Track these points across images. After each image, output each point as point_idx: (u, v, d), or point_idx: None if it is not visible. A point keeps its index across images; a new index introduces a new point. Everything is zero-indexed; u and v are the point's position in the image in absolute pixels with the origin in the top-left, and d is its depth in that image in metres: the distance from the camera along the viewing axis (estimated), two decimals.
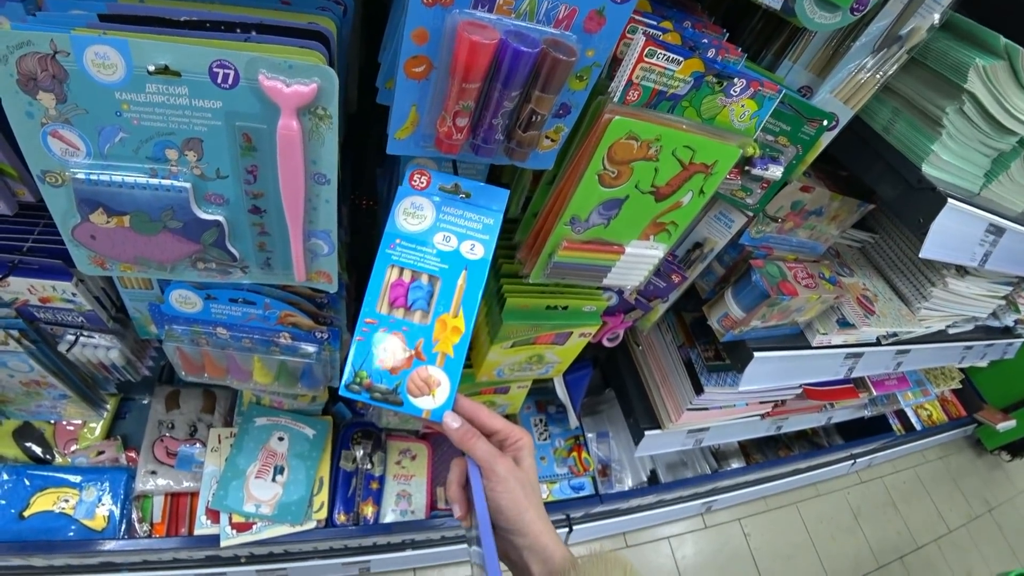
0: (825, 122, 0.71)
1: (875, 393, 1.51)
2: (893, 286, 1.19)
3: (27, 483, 1.14)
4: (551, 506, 1.40)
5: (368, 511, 1.23)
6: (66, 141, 0.50)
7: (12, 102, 0.47)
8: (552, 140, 0.58)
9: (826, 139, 0.75)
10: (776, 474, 1.90)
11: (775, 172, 0.74)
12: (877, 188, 0.82)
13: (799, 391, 1.31)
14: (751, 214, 0.85)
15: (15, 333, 0.82)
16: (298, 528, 1.13)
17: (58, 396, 0.98)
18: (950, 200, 0.72)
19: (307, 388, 0.86)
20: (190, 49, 0.46)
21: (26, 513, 1.12)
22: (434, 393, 0.55)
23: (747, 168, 0.74)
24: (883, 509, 2.19)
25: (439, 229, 0.58)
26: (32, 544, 1.07)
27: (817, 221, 0.97)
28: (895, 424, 2.06)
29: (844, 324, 1.07)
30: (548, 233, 0.66)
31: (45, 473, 1.16)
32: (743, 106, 0.61)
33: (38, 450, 1.20)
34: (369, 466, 1.27)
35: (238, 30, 0.50)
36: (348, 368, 0.55)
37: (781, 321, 1.01)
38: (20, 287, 0.75)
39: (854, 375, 1.28)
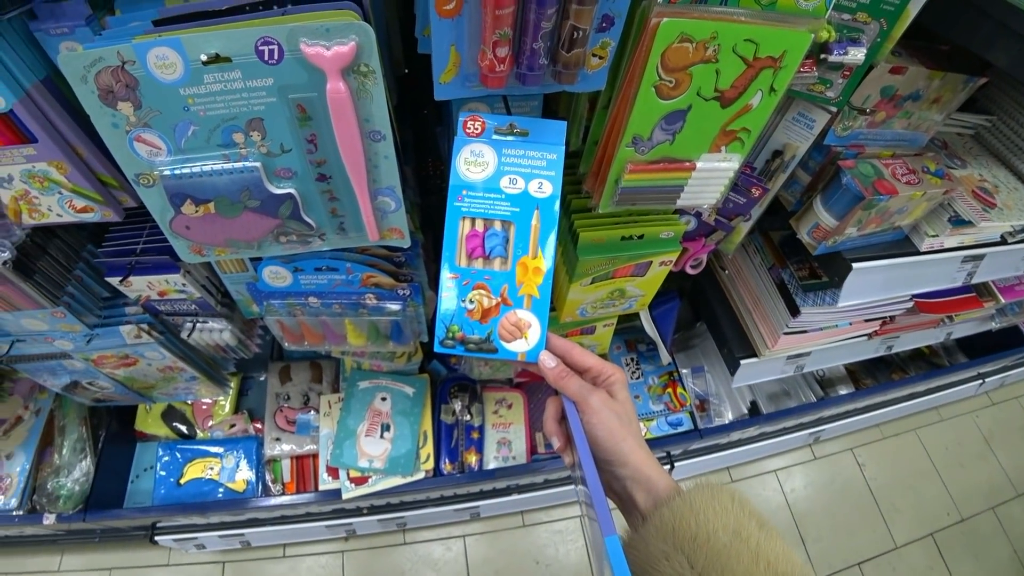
0: None
1: (1003, 301, 1.34)
2: (1018, 173, 1.04)
3: (179, 456, 1.32)
4: (650, 443, 1.40)
5: (472, 459, 1.30)
6: (149, 143, 0.55)
7: (99, 116, 0.52)
8: (600, 58, 0.55)
9: (915, 6, 0.65)
10: (890, 399, 1.76)
11: (857, 55, 0.66)
12: (987, 55, 0.71)
13: (910, 304, 1.19)
14: (834, 109, 0.76)
15: (145, 326, 0.92)
16: (409, 479, 1.22)
17: (189, 378, 1.10)
18: None
19: (398, 345, 0.91)
20: (235, 33, 0.48)
21: (182, 481, 1.29)
22: (526, 335, 0.56)
23: (823, 56, 0.67)
24: (1020, 433, 1.96)
25: (504, 173, 0.57)
26: (191, 506, 1.24)
27: (914, 107, 0.86)
28: None
29: (958, 223, 0.95)
30: (611, 158, 0.63)
31: (192, 447, 1.34)
32: None
33: (183, 428, 1.37)
34: (468, 417, 1.33)
35: (275, 6, 0.51)
36: (439, 325, 0.56)
37: (880, 226, 0.92)
38: (140, 285, 0.84)
39: (975, 281, 1.14)
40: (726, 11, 0.54)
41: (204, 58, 0.48)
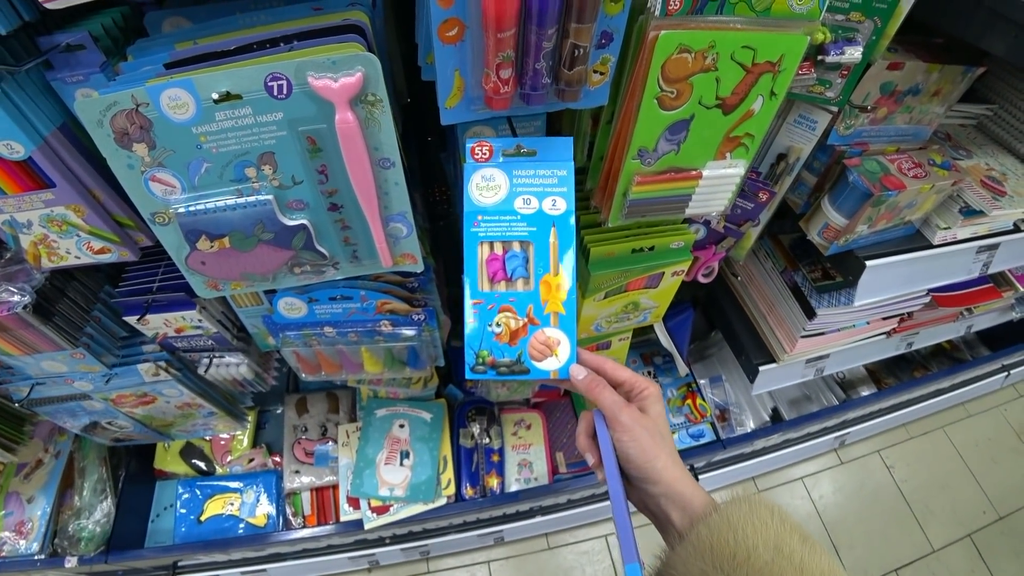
0: None
1: (1022, 289, 1.33)
2: None
3: (199, 493, 1.31)
4: None
5: (493, 483, 1.29)
6: (164, 182, 0.56)
7: (115, 158, 0.53)
8: (601, 74, 0.56)
9: (908, 2, 0.66)
10: (914, 397, 1.73)
11: (854, 54, 0.67)
12: (984, 44, 0.71)
13: (927, 299, 1.18)
14: (835, 109, 0.77)
15: (163, 364, 0.93)
16: (431, 505, 1.20)
17: (207, 414, 1.11)
18: None
19: (415, 370, 0.91)
20: (244, 71, 0.49)
21: (203, 518, 1.28)
22: (556, 352, 0.56)
23: (820, 57, 0.68)
24: None
25: (516, 194, 0.57)
26: (213, 543, 1.23)
27: (915, 101, 0.86)
28: None
29: (970, 213, 0.95)
30: (618, 172, 0.64)
31: (211, 483, 1.33)
32: None
33: (202, 464, 1.37)
34: (487, 440, 1.32)
35: (281, 44, 0.53)
36: (467, 351, 0.56)
37: (891, 222, 0.91)
38: (157, 323, 0.85)
39: (992, 271, 1.13)
40: (722, 20, 0.55)
41: (215, 96, 0.49)
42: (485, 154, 0.57)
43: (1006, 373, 1.83)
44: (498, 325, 0.56)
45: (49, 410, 1.01)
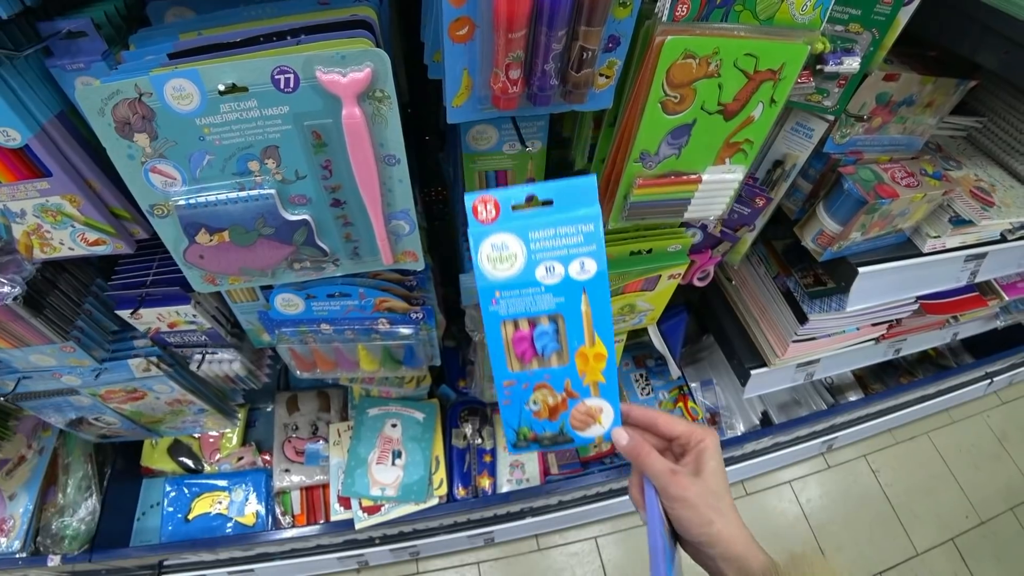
0: None
1: (1007, 298, 1.35)
2: (1013, 171, 1.06)
3: (186, 491, 1.29)
4: None
5: (485, 483, 1.28)
6: (164, 174, 0.55)
7: (115, 148, 0.53)
8: (607, 77, 0.57)
9: (905, 15, 0.67)
10: (900, 403, 1.76)
11: (851, 64, 0.68)
12: (976, 58, 0.73)
13: (915, 306, 1.20)
14: (831, 117, 0.78)
15: (154, 359, 0.92)
16: (422, 505, 1.20)
17: (197, 411, 1.09)
18: None
19: (411, 369, 0.90)
20: (251, 63, 0.49)
21: (190, 516, 1.27)
22: (599, 420, 0.53)
23: (819, 67, 0.68)
24: None
25: (537, 262, 0.48)
26: (200, 542, 1.21)
27: (909, 112, 0.88)
28: None
29: (959, 222, 0.96)
30: (620, 174, 0.64)
31: (199, 481, 1.31)
32: None
33: (190, 462, 1.35)
34: (480, 441, 1.32)
35: (288, 37, 0.53)
36: (507, 430, 0.54)
37: (883, 230, 0.93)
38: (151, 317, 0.84)
39: (978, 280, 1.15)
40: (726, 27, 0.56)
41: (221, 88, 0.49)
42: (491, 213, 0.48)
43: (989, 380, 1.86)
44: (535, 403, 0.52)
45: (35, 405, 1.00)
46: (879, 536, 1.67)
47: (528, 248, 0.48)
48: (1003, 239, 1.06)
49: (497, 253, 0.48)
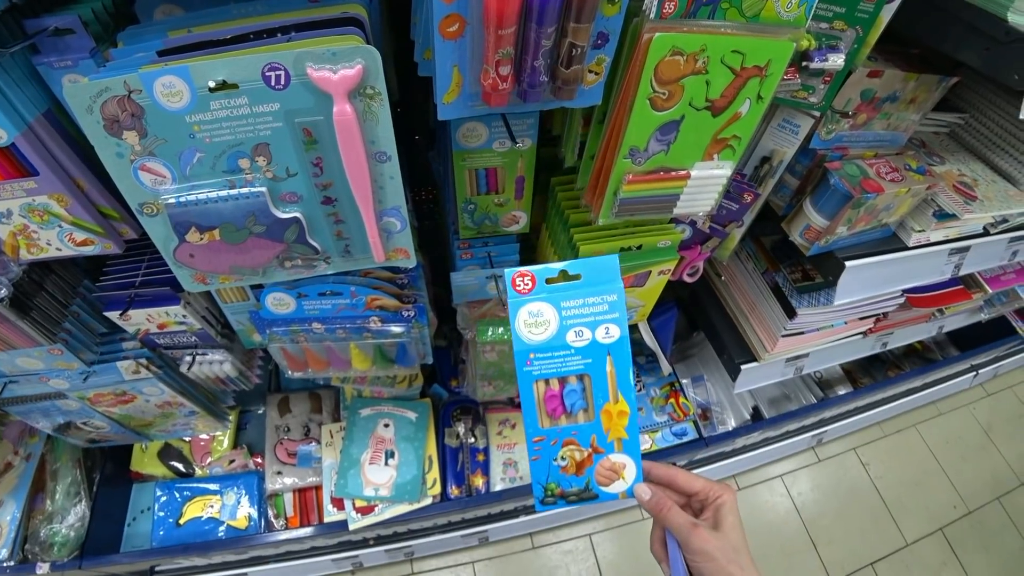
0: None
1: (990, 291, 1.38)
2: (994, 166, 1.08)
3: (177, 496, 1.28)
4: (656, 456, 1.40)
5: (479, 482, 1.29)
6: (154, 172, 0.55)
7: (103, 146, 0.52)
8: (596, 73, 0.57)
9: (888, 13, 0.68)
10: (888, 396, 1.79)
11: (836, 61, 0.69)
12: (958, 55, 0.74)
13: (902, 300, 1.22)
14: (817, 114, 0.79)
15: (144, 361, 0.91)
16: (416, 505, 1.20)
17: (188, 413, 1.09)
18: None
19: (404, 367, 0.90)
20: (241, 60, 0.48)
21: (181, 521, 1.26)
22: (623, 476, 0.57)
23: (804, 64, 0.69)
24: (1018, 422, 1.99)
25: (568, 327, 0.55)
26: (192, 546, 1.20)
27: (892, 108, 0.89)
28: (1019, 326, 1.85)
29: (942, 216, 0.98)
30: (609, 170, 0.65)
31: (190, 485, 1.30)
32: None
33: (180, 466, 1.34)
34: (472, 440, 1.32)
35: (279, 34, 0.53)
36: (535, 485, 0.57)
37: (869, 224, 0.94)
38: (140, 318, 0.83)
39: (962, 273, 1.17)
40: (713, 24, 0.57)
41: (211, 85, 0.49)
42: (528, 285, 0.55)
43: (974, 373, 1.90)
44: (563, 459, 0.56)
45: (22, 410, 0.98)
46: (869, 528, 1.70)
47: (560, 315, 0.55)
48: (986, 233, 1.08)
49: (533, 319, 0.55)
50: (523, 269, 0.55)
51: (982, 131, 1.08)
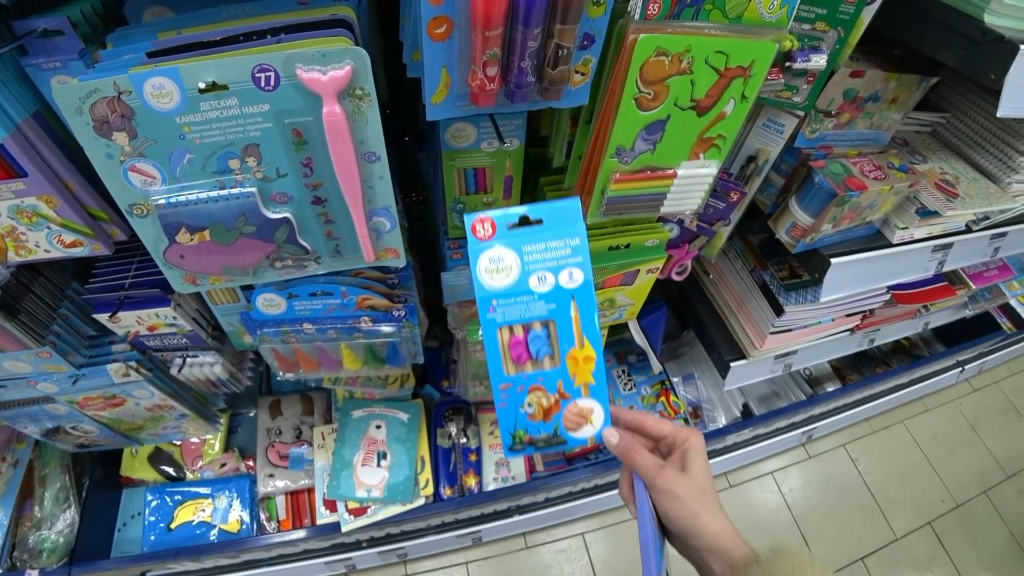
0: None
1: (974, 287, 1.40)
2: (975, 164, 1.10)
3: (168, 500, 1.28)
4: None
5: (471, 482, 1.29)
6: (144, 173, 0.55)
7: (93, 147, 0.52)
8: (582, 74, 0.58)
9: (868, 14, 0.70)
10: (876, 392, 1.81)
11: (819, 61, 0.70)
12: (937, 55, 0.75)
13: (887, 297, 1.24)
14: (801, 113, 0.81)
15: (133, 364, 0.91)
16: (409, 506, 1.20)
17: (178, 416, 1.08)
18: (1023, 47, 0.66)
19: (395, 367, 0.91)
20: (231, 61, 0.49)
21: (173, 525, 1.25)
22: (591, 420, 0.56)
23: (787, 64, 0.71)
24: (1003, 416, 2.03)
25: (530, 272, 0.53)
26: (184, 551, 1.19)
27: (875, 107, 0.91)
28: (1003, 322, 1.88)
29: (925, 214, 1.00)
30: (596, 170, 0.66)
31: (181, 489, 1.30)
32: None
33: (171, 470, 1.33)
34: (465, 440, 1.33)
35: (268, 36, 0.53)
36: (503, 433, 0.56)
37: (854, 222, 0.96)
38: (130, 320, 0.83)
39: (946, 269, 1.19)
40: (697, 25, 0.58)
41: (201, 86, 0.49)
42: (488, 231, 0.53)
43: (960, 368, 1.93)
44: (530, 405, 0.55)
45: (9, 415, 0.97)
46: (859, 523, 1.72)
47: (522, 260, 0.53)
48: (968, 230, 1.10)
49: (494, 265, 0.53)
50: (483, 214, 0.53)
51: (963, 130, 1.10)
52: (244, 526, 1.28)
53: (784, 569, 0.47)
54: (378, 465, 1.22)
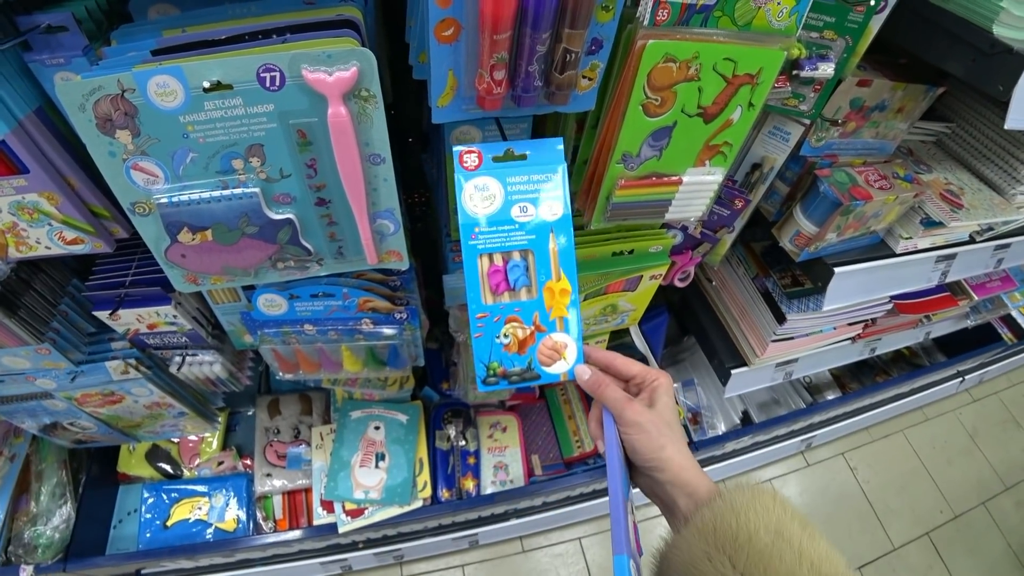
0: (872, 3, 0.66)
1: (976, 298, 1.40)
2: (980, 175, 1.09)
3: (165, 497, 1.27)
4: None
5: (469, 485, 1.28)
6: (146, 171, 0.55)
7: (95, 145, 0.52)
8: (589, 79, 0.58)
9: (876, 23, 0.69)
10: (876, 401, 1.81)
11: (826, 70, 0.70)
12: (944, 66, 0.75)
13: (889, 306, 1.23)
14: (807, 121, 0.80)
15: (133, 362, 0.90)
16: (406, 508, 1.19)
17: (176, 414, 1.08)
18: None
19: (395, 369, 0.90)
20: (236, 61, 0.48)
21: (169, 523, 1.24)
22: (564, 356, 0.57)
23: (795, 72, 0.70)
24: (1003, 427, 2.02)
25: (513, 202, 0.55)
26: (179, 549, 1.19)
27: (881, 117, 0.90)
28: (1004, 332, 1.89)
29: (929, 224, 1.00)
30: (602, 175, 0.65)
31: (178, 487, 1.29)
32: (779, 3, 0.58)
33: (168, 468, 1.33)
34: (463, 443, 1.32)
35: (274, 35, 0.53)
36: (478, 365, 0.57)
37: (858, 231, 0.95)
38: (130, 318, 0.83)
39: (949, 280, 1.19)
40: (706, 32, 0.57)
41: (206, 85, 0.49)
42: (475, 161, 0.56)
43: (960, 379, 1.92)
44: (506, 336, 0.56)
45: (7, 410, 0.97)
46: (857, 532, 1.71)
47: (506, 190, 0.56)
48: (972, 240, 1.09)
49: (479, 193, 0.55)
50: (470, 146, 0.55)
51: (968, 140, 1.09)
52: (240, 525, 1.27)
53: (744, 500, 0.48)
54: (376, 466, 1.22)
